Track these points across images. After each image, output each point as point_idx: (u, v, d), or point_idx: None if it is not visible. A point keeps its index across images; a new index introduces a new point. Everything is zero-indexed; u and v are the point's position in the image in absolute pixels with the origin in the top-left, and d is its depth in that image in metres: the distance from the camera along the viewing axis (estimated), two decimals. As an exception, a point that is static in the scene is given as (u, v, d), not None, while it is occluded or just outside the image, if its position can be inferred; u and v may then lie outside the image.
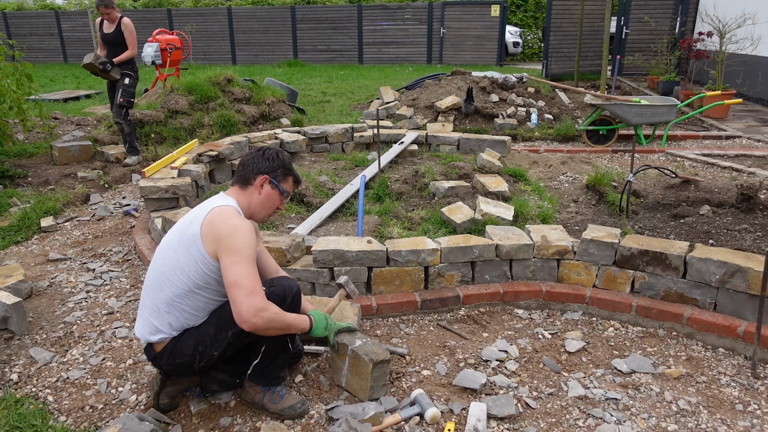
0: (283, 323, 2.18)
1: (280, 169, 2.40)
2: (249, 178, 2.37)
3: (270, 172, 2.37)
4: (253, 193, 2.37)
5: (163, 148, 6.73)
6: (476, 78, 8.93)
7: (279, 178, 2.40)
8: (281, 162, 2.40)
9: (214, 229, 2.17)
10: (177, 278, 2.22)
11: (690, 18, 12.28)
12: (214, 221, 2.19)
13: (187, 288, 2.22)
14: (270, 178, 2.37)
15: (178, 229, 2.33)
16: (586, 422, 2.40)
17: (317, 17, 18.48)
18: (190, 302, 2.25)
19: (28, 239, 4.48)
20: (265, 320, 2.08)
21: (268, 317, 2.09)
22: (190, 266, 2.20)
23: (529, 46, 20.56)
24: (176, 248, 2.25)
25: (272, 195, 2.40)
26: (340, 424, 2.25)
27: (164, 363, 2.31)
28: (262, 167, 2.37)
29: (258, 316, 2.06)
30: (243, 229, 2.17)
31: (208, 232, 2.17)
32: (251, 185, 2.37)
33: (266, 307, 2.10)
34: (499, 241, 3.36)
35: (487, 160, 5.29)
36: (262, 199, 2.38)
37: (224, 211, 2.23)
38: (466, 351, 2.92)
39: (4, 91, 5.96)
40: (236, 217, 2.22)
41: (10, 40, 7.23)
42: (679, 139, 7.62)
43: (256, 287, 2.10)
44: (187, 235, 2.24)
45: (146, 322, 2.30)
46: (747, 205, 4.06)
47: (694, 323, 3.01)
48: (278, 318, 2.14)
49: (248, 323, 2.06)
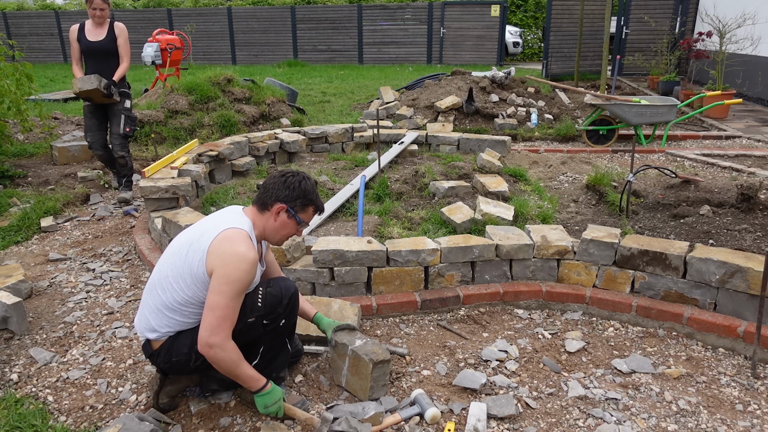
0: (233, 369, 2.17)
1: (300, 200, 2.33)
2: (267, 203, 2.33)
3: (288, 202, 2.32)
4: (270, 218, 2.34)
5: (163, 148, 6.73)
6: (476, 78, 8.93)
7: (297, 209, 2.34)
8: (302, 192, 2.33)
9: (221, 252, 2.15)
10: (179, 286, 2.22)
11: (690, 18, 12.28)
12: (224, 244, 2.16)
13: (187, 298, 2.23)
14: (287, 207, 2.32)
15: (188, 237, 2.30)
16: (586, 422, 2.40)
17: (317, 17, 18.49)
18: (189, 310, 2.26)
19: (28, 239, 4.48)
20: (216, 358, 2.12)
21: (220, 356, 2.12)
22: (192, 280, 2.20)
23: (529, 46, 20.56)
24: (184, 257, 2.23)
25: (288, 224, 2.36)
26: (340, 423, 2.25)
27: (161, 361, 2.33)
28: (281, 195, 2.31)
29: (212, 349, 2.10)
30: (246, 261, 2.14)
31: (215, 252, 2.16)
32: (268, 210, 2.33)
33: (223, 346, 2.11)
34: (499, 241, 3.36)
35: (487, 160, 5.29)
36: (277, 227, 2.35)
37: (235, 236, 2.19)
38: (466, 351, 2.92)
39: (4, 91, 5.95)
40: (244, 244, 2.18)
41: (10, 40, 7.23)
42: (679, 139, 7.62)
43: (226, 322, 2.11)
44: (195, 248, 2.22)
45: (145, 320, 2.32)
46: (747, 205, 4.06)
47: (694, 323, 3.01)
48: (230, 363, 2.15)
49: (201, 348, 2.12)
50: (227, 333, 2.13)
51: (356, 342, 2.52)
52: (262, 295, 2.30)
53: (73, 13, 20.50)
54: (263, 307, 2.29)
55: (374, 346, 2.49)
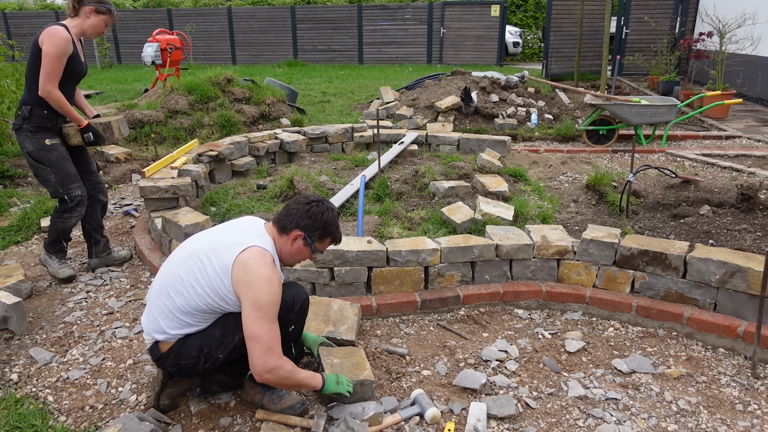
0: (294, 381, 2.23)
1: (319, 231, 2.34)
2: (287, 227, 2.32)
3: (307, 231, 2.32)
4: (287, 242, 2.34)
5: (163, 148, 6.73)
6: (476, 78, 8.93)
7: (314, 238, 2.35)
8: (323, 224, 2.33)
9: (247, 274, 2.14)
10: (195, 293, 2.20)
11: (690, 18, 12.28)
12: (249, 264, 2.15)
13: (202, 306, 2.22)
14: (305, 236, 2.33)
15: (209, 243, 2.27)
16: (586, 422, 2.40)
17: (317, 17, 18.49)
18: (202, 315, 2.25)
19: (28, 239, 4.48)
20: (278, 377, 2.15)
21: (281, 375, 2.15)
22: (211, 291, 2.19)
23: (529, 46, 20.56)
24: (203, 266, 2.21)
25: (303, 251, 2.37)
26: (339, 424, 2.25)
27: (169, 364, 2.31)
28: (302, 223, 2.31)
29: (271, 373, 2.13)
30: (273, 283, 2.14)
31: (240, 271, 2.15)
32: (287, 234, 2.33)
33: (280, 365, 2.14)
34: (499, 241, 3.36)
35: (487, 160, 5.29)
36: (293, 251, 2.36)
37: (260, 256, 2.18)
38: (466, 351, 2.92)
39: (4, 91, 5.96)
40: (270, 266, 2.18)
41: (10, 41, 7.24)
42: (679, 139, 7.62)
43: (274, 345, 2.13)
44: (218, 262, 2.19)
45: (154, 321, 2.29)
46: (747, 205, 4.06)
47: (694, 323, 3.01)
48: (291, 376, 2.19)
49: (261, 377, 2.14)
50: (278, 353, 2.15)
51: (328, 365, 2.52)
52: None
53: (73, 13, 20.49)
54: None
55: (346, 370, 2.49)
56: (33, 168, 3.49)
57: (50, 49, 3.24)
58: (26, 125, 3.40)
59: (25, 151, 3.45)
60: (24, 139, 3.43)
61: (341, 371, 2.47)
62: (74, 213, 3.61)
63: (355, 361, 2.56)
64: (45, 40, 3.26)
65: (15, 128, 3.44)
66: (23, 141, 3.43)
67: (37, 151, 3.43)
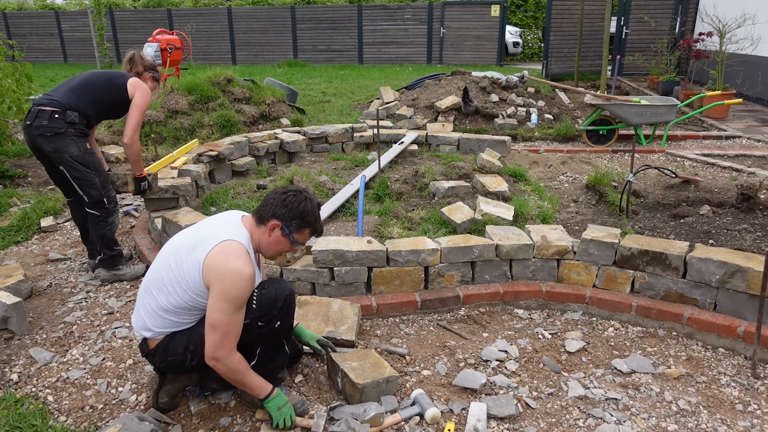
0: (242, 379, 2.23)
1: (296, 221, 2.31)
2: (264, 217, 2.32)
3: (284, 220, 2.30)
4: (264, 233, 2.33)
5: (163, 148, 6.72)
6: (476, 78, 8.93)
7: (292, 228, 2.33)
8: (299, 213, 2.31)
9: (216, 268, 2.14)
10: (174, 291, 2.22)
11: (690, 18, 12.28)
12: (218, 259, 2.15)
13: (182, 303, 2.24)
14: (282, 225, 2.31)
15: (184, 242, 2.28)
16: (586, 422, 2.40)
17: (317, 17, 18.48)
18: (184, 313, 2.27)
19: (28, 239, 4.48)
20: (226, 368, 2.18)
21: (229, 366, 2.18)
22: (187, 287, 2.21)
23: (529, 46, 20.55)
24: (180, 262, 2.22)
25: (281, 241, 2.34)
26: (340, 425, 2.25)
27: (157, 360, 2.34)
28: (278, 213, 2.30)
29: (219, 362, 2.16)
30: (242, 277, 2.13)
31: (210, 266, 2.15)
32: (264, 225, 2.32)
33: (229, 357, 2.17)
34: (499, 241, 3.36)
35: (487, 160, 5.29)
36: (271, 242, 2.34)
37: (232, 250, 2.17)
38: (466, 351, 2.92)
39: (4, 91, 5.95)
40: (242, 258, 2.16)
41: (10, 40, 7.24)
42: (679, 139, 7.62)
43: (229, 336, 2.15)
44: (192, 258, 2.20)
45: (141, 319, 2.33)
46: (747, 205, 4.06)
47: (694, 323, 3.01)
48: (238, 373, 2.21)
49: (208, 362, 2.19)
50: (231, 347, 2.17)
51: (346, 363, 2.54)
52: (256, 297, 2.29)
53: (73, 13, 20.51)
54: (258, 308, 2.29)
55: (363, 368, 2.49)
56: (77, 172, 3.47)
57: (142, 102, 3.57)
58: (72, 130, 3.42)
59: (68, 155, 3.42)
60: (69, 143, 3.42)
61: (363, 373, 2.46)
62: (115, 214, 3.71)
63: (373, 362, 2.57)
64: (137, 92, 3.58)
65: (57, 131, 3.37)
66: (68, 145, 3.41)
67: (82, 155, 3.47)
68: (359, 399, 2.41)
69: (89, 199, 3.55)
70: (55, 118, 3.36)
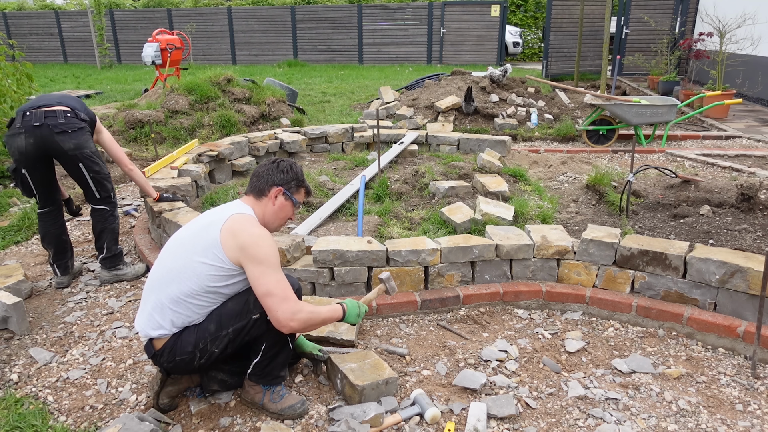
0: (318, 319, 2.28)
1: (294, 181, 2.45)
2: (264, 189, 2.41)
3: (284, 184, 2.42)
4: (268, 203, 2.42)
5: (163, 148, 6.73)
6: (476, 78, 8.93)
7: (292, 190, 2.45)
8: (294, 174, 2.46)
9: (237, 238, 2.20)
10: (186, 277, 2.23)
11: (690, 18, 12.28)
12: (236, 229, 2.22)
13: (195, 288, 2.23)
14: (284, 190, 2.42)
15: (192, 229, 2.35)
16: (586, 422, 2.40)
17: (317, 17, 18.49)
18: (195, 302, 2.25)
19: (28, 239, 4.48)
20: (302, 321, 2.20)
21: (304, 318, 2.20)
22: (203, 269, 2.21)
23: (529, 46, 20.56)
24: (190, 248, 2.26)
25: (285, 206, 2.45)
26: (340, 425, 2.25)
27: (164, 360, 2.31)
28: (277, 179, 2.42)
29: (294, 320, 2.17)
30: (265, 237, 2.23)
31: (230, 239, 2.20)
32: (266, 196, 2.41)
33: (300, 308, 2.20)
34: (499, 241, 3.36)
35: (487, 160, 5.29)
36: (276, 210, 2.43)
37: (245, 219, 2.27)
38: (466, 351, 2.92)
39: (5, 91, 5.95)
40: (257, 225, 2.28)
41: (10, 40, 7.23)
42: (679, 139, 7.62)
43: (287, 293, 2.19)
44: (204, 238, 2.24)
45: (148, 317, 2.30)
46: (747, 205, 4.06)
47: (694, 323, 3.01)
48: (313, 317, 2.25)
49: (287, 327, 2.18)
50: (294, 299, 2.21)
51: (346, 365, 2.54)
52: None
53: (73, 13, 20.51)
54: None
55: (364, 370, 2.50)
56: (97, 166, 3.53)
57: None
58: (88, 126, 3.53)
59: (89, 150, 3.47)
60: (89, 138, 3.51)
61: (362, 375, 2.47)
62: (117, 210, 3.78)
63: (372, 363, 2.57)
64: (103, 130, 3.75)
65: (78, 126, 3.41)
66: (88, 140, 3.49)
67: (97, 150, 3.59)
68: (358, 400, 2.41)
69: (103, 193, 3.61)
70: (68, 116, 3.41)
